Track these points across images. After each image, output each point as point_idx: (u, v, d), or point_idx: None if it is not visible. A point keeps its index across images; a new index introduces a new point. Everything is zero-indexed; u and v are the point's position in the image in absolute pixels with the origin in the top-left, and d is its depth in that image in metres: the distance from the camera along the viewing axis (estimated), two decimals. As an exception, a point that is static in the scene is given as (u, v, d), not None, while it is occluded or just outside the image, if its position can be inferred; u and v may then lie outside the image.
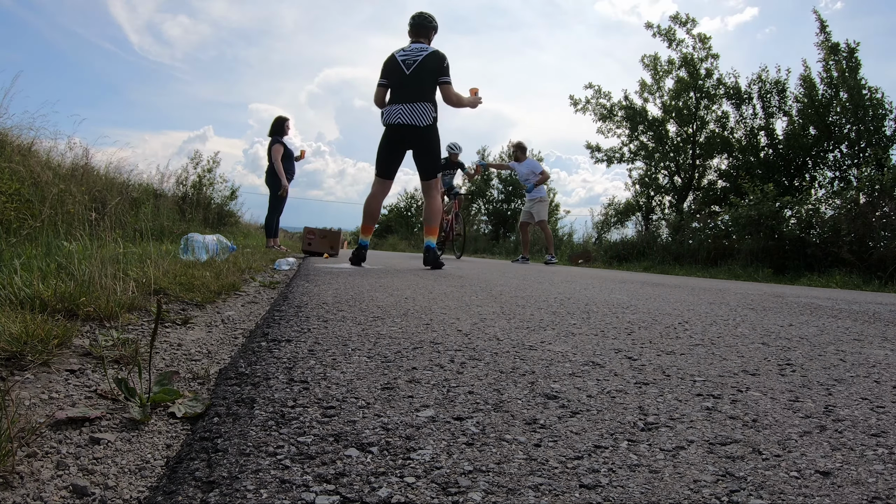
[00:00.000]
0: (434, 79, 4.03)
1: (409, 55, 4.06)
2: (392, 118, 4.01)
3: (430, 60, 4.03)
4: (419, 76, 4.01)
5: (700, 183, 11.61)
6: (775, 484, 0.60)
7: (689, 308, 2.25)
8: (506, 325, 1.56)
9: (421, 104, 3.98)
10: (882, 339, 1.65)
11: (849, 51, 9.39)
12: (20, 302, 1.27)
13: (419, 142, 4.08)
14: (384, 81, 4.12)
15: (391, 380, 0.95)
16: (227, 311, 1.78)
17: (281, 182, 6.55)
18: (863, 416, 0.85)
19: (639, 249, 8.91)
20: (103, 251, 2.23)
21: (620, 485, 0.59)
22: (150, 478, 0.62)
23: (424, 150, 4.14)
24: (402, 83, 4.02)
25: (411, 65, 4.01)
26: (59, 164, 4.77)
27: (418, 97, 3.99)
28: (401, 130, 4.03)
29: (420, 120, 3.98)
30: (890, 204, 6.10)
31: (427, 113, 3.99)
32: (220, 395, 0.86)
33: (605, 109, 12.21)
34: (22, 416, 0.73)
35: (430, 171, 4.21)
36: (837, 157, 9.73)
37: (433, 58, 4.04)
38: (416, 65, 4.00)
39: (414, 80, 4.01)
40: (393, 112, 4.01)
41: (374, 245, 20.59)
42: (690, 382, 1.01)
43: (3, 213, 2.78)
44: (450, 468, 0.61)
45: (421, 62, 4.01)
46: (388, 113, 4.04)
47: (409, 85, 4.01)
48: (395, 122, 4.00)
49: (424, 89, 4.02)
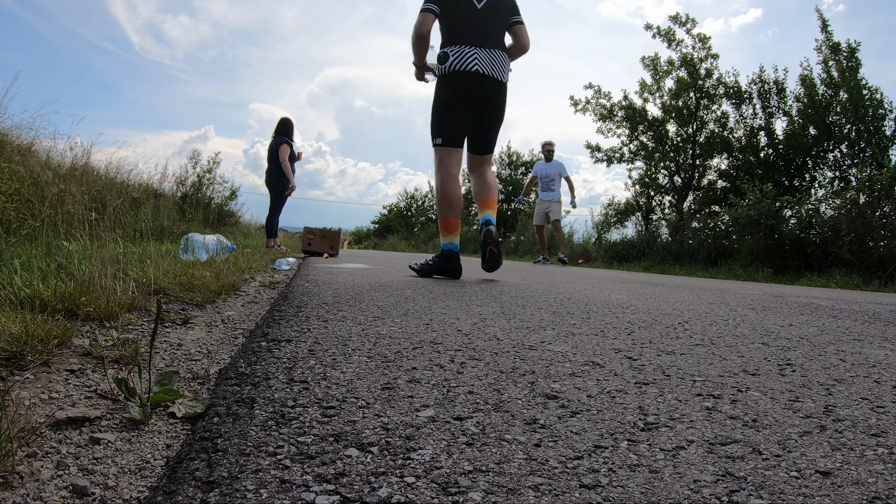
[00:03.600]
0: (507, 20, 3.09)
1: None
2: (467, 63, 2.95)
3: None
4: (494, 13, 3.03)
5: (700, 183, 11.61)
6: (775, 484, 0.60)
7: (689, 308, 2.25)
8: (506, 325, 1.56)
9: (501, 52, 3.04)
10: (882, 339, 1.65)
11: (849, 51, 9.39)
12: (20, 302, 1.27)
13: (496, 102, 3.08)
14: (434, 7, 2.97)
15: (391, 380, 0.95)
16: (227, 311, 1.78)
17: (289, 182, 6.55)
18: (863, 416, 0.85)
19: (639, 249, 8.91)
20: (103, 251, 2.23)
21: (620, 485, 0.59)
22: (150, 478, 0.62)
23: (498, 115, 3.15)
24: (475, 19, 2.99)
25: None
26: (58, 164, 4.77)
27: (498, 43, 3.04)
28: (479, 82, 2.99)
29: (503, 73, 3.05)
30: (890, 204, 6.10)
31: (507, 66, 3.08)
32: (220, 395, 0.86)
33: (605, 109, 12.21)
34: (22, 416, 0.73)
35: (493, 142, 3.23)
36: (837, 157, 9.73)
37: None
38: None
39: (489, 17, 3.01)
40: (468, 56, 2.96)
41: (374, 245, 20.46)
42: (690, 382, 1.01)
43: (3, 213, 2.78)
44: (450, 468, 0.61)
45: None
46: (460, 56, 2.97)
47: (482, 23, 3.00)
48: (473, 68, 2.95)
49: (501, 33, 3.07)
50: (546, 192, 8.20)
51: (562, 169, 8.20)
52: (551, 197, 8.14)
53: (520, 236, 13.47)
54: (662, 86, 11.81)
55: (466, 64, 2.96)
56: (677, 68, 11.50)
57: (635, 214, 11.87)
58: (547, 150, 8.32)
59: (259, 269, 3.37)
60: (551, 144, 8.34)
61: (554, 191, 8.15)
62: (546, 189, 8.21)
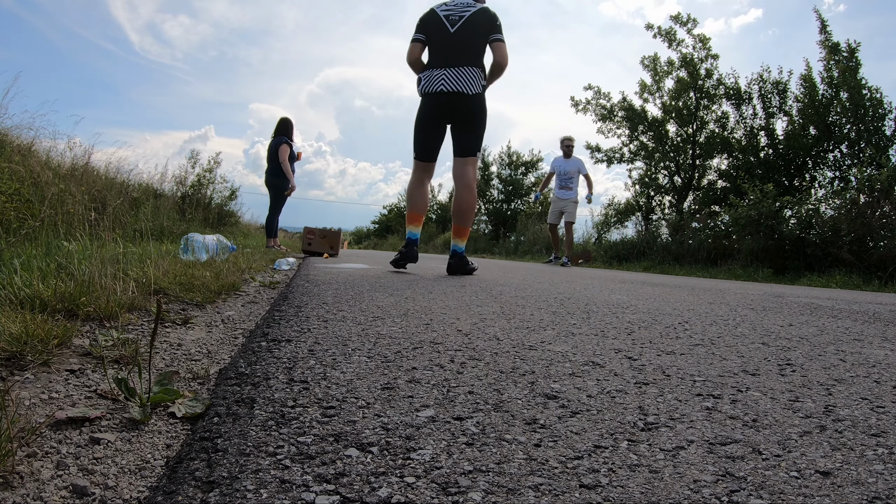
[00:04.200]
0: (485, 38, 3.35)
1: (453, 10, 3.39)
2: (433, 85, 3.35)
3: (481, 16, 3.36)
4: (465, 36, 3.34)
5: (700, 183, 11.61)
6: (775, 484, 0.60)
7: (689, 308, 2.25)
8: (506, 325, 1.56)
9: (469, 68, 3.33)
10: (882, 339, 1.65)
11: (849, 51, 9.39)
12: (20, 302, 1.27)
13: (465, 113, 3.38)
14: (421, 37, 3.44)
15: (391, 380, 0.95)
16: (227, 311, 1.78)
17: (289, 182, 6.55)
18: (863, 416, 0.85)
19: (639, 249, 8.91)
20: (103, 251, 2.23)
21: (620, 485, 0.59)
22: (150, 478, 0.62)
23: (470, 123, 3.41)
24: (446, 43, 3.35)
25: (456, 21, 3.35)
26: (58, 164, 4.77)
27: (465, 60, 3.33)
28: (444, 100, 3.35)
29: (468, 86, 3.32)
30: (890, 204, 6.10)
31: (476, 79, 3.34)
32: (220, 395, 0.86)
33: (605, 110, 12.21)
34: (22, 416, 0.73)
35: (473, 146, 3.46)
36: (837, 157, 9.73)
37: (484, 14, 3.37)
38: (464, 22, 3.35)
39: (460, 39, 3.34)
40: (434, 78, 3.35)
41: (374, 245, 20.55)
42: (690, 382, 1.01)
43: (3, 213, 2.78)
44: (450, 468, 0.61)
45: (470, 19, 3.35)
46: (428, 79, 3.39)
47: (454, 45, 3.34)
48: (437, 89, 3.33)
49: (473, 51, 3.36)
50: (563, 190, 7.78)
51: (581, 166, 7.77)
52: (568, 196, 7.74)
53: (519, 236, 13.46)
54: (662, 86, 11.81)
55: (433, 86, 3.37)
56: (677, 68, 11.50)
57: (635, 214, 11.87)
58: (566, 145, 7.83)
59: (259, 269, 3.37)
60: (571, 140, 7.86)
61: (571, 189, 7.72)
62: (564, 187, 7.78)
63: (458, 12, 3.39)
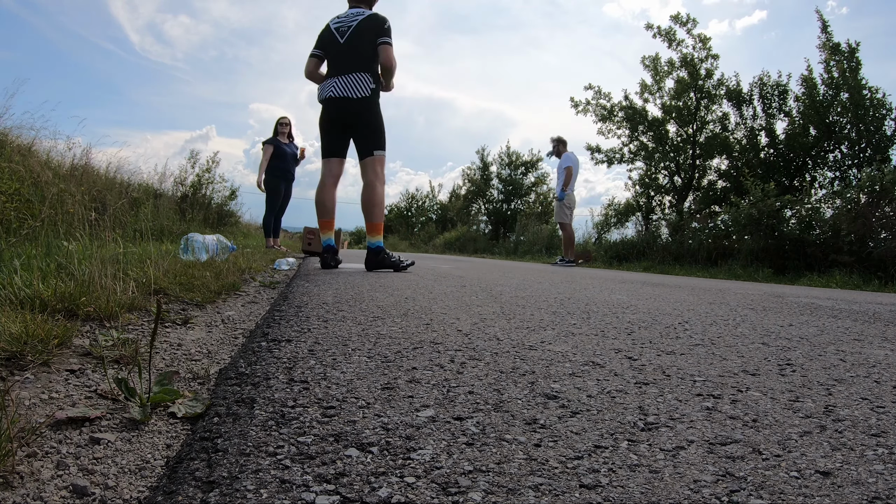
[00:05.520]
0: (373, 43, 3.57)
1: (343, 22, 3.64)
2: (325, 92, 3.63)
3: (368, 23, 3.59)
4: (354, 43, 3.59)
5: (700, 183, 11.60)
6: (775, 484, 0.60)
7: (689, 308, 2.25)
8: (506, 325, 1.56)
9: (356, 74, 3.56)
10: (882, 339, 1.65)
11: (850, 51, 9.39)
12: (20, 302, 1.27)
13: (356, 117, 3.62)
14: (318, 52, 3.74)
15: (391, 380, 0.95)
16: (227, 311, 1.78)
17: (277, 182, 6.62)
18: (863, 416, 0.85)
19: (639, 249, 8.91)
20: (103, 251, 2.23)
21: (620, 485, 0.59)
22: (150, 478, 0.62)
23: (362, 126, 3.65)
24: (338, 53, 3.63)
25: (346, 32, 3.61)
26: (58, 164, 4.78)
27: (354, 67, 3.57)
28: (334, 105, 3.61)
29: (354, 91, 3.55)
30: (890, 204, 6.10)
31: (363, 83, 3.56)
32: (220, 395, 0.86)
33: (606, 110, 12.19)
34: (22, 416, 0.73)
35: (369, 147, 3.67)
36: (837, 158, 9.72)
37: (371, 20, 3.59)
38: (351, 31, 3.59)
39: (348, 48, 3.60)
40: (326, 86, 3.63)
41: (374, 245, 20.60)
42: (690, 382, 1.01)
43: (3, 213, 2.78)
44: (450, 468, 0.61)
45: (357, 27, 3.59)
46: (321, 88, 3.69)
47: (343, 54, 3.60)
48: (327, 95, 3.61)
49: (361, 58, 3.58)
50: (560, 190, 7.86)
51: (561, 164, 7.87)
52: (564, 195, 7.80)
53: (519, 236, 13.46)
54: (663, 86, 11.80)
55: (324, 93, 3.65)
56: (678, 68, 11.50)
57: (635, 214, 11.86)
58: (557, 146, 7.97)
59: (259, 269, 3.37)
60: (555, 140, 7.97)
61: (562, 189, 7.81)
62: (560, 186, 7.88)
63: (348, 22, 3.64)
